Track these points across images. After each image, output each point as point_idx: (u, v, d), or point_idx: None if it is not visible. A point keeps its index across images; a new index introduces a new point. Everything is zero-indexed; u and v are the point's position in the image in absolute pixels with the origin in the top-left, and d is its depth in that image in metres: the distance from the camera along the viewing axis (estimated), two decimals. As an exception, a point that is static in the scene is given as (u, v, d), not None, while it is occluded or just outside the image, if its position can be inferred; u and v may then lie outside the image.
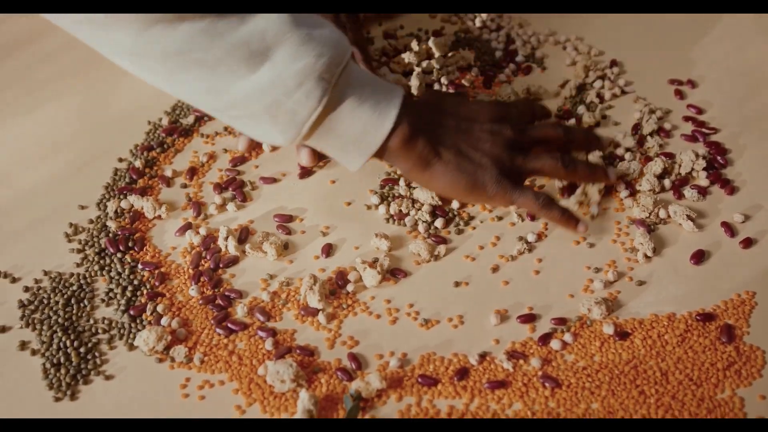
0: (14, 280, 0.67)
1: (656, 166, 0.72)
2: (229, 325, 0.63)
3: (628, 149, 0.75)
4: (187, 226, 0.70)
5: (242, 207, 0.72)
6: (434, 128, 0.66)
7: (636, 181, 0.72)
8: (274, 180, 0.74)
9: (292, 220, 0.71)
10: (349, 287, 0.65)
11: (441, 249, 0.67)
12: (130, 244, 0.69)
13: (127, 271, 0.66)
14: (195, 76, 0.60)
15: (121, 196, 0.72)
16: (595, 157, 0.72)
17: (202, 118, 0.80)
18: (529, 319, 0.63)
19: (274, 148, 0.76)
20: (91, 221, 0.71)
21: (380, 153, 0.64)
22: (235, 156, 0.76)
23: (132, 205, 0.71)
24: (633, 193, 0.71)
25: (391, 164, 0.70)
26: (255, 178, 0.74)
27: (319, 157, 0.73)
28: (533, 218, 0.70)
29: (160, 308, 0.64)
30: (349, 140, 0.63)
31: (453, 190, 0.67)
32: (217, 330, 0.62)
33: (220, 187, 0.73)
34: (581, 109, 0.78)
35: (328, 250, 0.68)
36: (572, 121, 0.78)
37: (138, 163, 0.75)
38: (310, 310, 0.63)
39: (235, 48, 0.58)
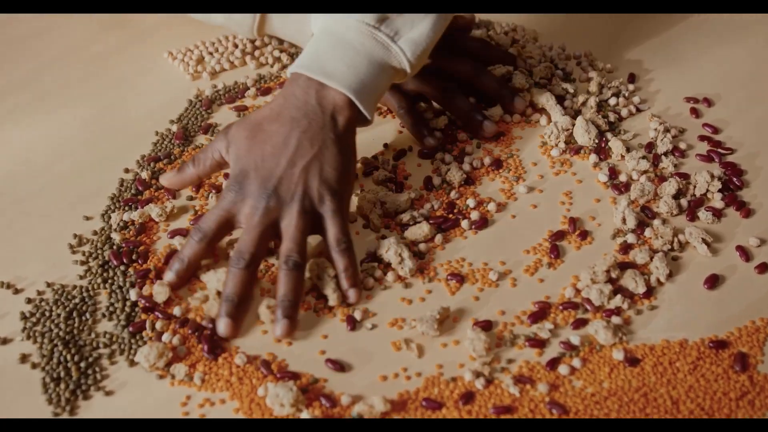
0: (17, 291, 0.66)
1: (670, 186, 0.71)
2: (216, 350, 0.61)
3: (644, 172, 0.73)
4: (180, 231, 0.70)
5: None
6: None
7: (651, 202, 0.71)
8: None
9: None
10: (357, 315, 0.64)
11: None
12: (134, 257, 0.68)
13: (128, 285, 0.66)
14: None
15: (126, 208, 0.71)
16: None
17: (207, 131, 0.79)
18: (538, 343, 0.61)
19: None
20: (95, 233, 0.70)
21: None
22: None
23: (139, 217, 0.70)
24: (652, 216, 0.70)
25: None
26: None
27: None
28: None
29: (158, 325, 0.63)
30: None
31: None
32: (206, 356, 0.61)
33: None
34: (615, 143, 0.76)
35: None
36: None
37: (144, 174, 0.74)
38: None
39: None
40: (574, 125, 0.76)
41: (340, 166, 0.65)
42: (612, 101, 0.81)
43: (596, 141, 0.76)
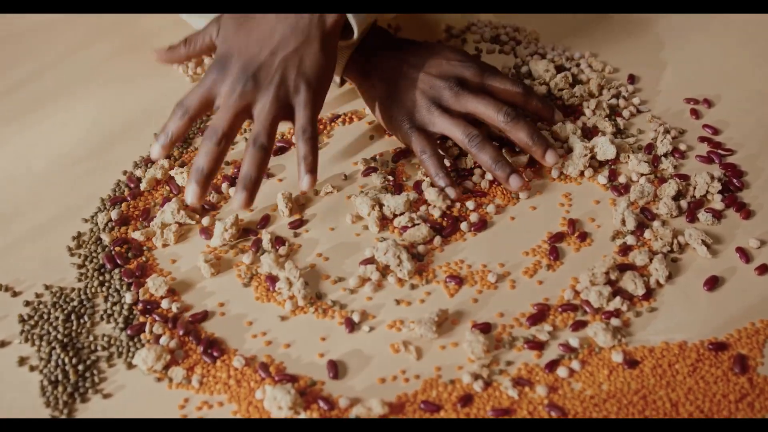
0: (15, 294, 0.66)
1: (670, 188, 0.71)
2: (214, 353, 0.61)
3: (644, 174, 0.73)
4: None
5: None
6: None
7: (651, 204, 0.71)
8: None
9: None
10: (356, 317, 0.64)
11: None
12: (129, 255, 0.68)
13: (125, 288, 0.66)
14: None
15: (111, 208, 0.72)
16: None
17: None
18: (536, 345, 0.61)
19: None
20: (79, 234, 0.70)
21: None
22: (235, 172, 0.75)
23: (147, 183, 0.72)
24: (651, 218, 0.69)
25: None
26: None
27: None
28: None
29: (156, 328, 0.62)
30: None
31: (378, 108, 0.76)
32: (204, 358, 0.61)
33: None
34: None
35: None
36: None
37: (139, 173, 0.74)
38: None
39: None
40: (593, 145, 0.74)
41: (319, 62, 0.68)
42: (612, 102, 0.81)
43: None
